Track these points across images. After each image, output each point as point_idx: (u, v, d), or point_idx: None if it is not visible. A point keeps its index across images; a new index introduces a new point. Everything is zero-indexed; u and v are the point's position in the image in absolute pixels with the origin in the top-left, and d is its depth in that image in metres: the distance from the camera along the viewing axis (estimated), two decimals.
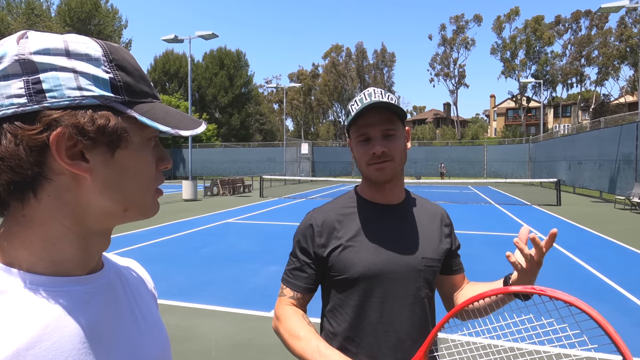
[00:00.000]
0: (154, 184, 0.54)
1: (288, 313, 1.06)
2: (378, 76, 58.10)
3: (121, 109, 0.48)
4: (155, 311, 0.63)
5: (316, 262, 1.08)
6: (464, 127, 59.92)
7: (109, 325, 0.51)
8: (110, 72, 0.48)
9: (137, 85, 0.50)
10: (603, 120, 17.51)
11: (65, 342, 0.45)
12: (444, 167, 32.56)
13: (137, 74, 0.51)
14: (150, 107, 0.50)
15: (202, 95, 45.14)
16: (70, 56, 0.46)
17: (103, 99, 0.46)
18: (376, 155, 1.04)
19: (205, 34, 17.16)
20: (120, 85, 0.48)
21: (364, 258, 1.04)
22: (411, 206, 1.15)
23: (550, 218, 11.06)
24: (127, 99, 0.49)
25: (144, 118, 0.48)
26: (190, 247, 7.33)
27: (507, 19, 47.46)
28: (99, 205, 0.49)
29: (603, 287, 5.05)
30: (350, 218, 1.09)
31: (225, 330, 3.74)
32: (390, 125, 1.05)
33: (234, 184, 19.80)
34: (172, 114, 0.52)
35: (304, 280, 1.09)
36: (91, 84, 0.46)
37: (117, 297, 0.55)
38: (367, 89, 1.08)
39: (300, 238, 1.11)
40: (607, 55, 41.42)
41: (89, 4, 34.57)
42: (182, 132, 0.50)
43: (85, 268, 0.52)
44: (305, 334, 0.97)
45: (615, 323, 3.87)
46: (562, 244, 7.56)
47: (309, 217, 1.12)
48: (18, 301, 0.44)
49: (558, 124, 50.43)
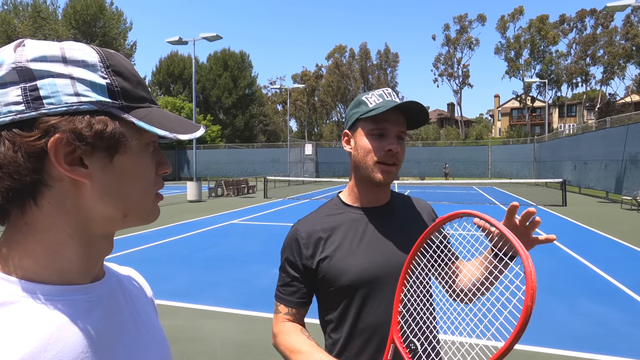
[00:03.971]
0: (153, 188, 0.54)
1: (286, 329, 1.04)
2: (382, 76, 58.03)
3: (118, 114, 0.48)
4: (155, 319, 0.63)
5: (306, 275, 1.06)
6: (468, 127, 59.70)
7: (111, 333, 0.51)
8: (108, 78, 0.48)
9: (134, 90, 0.50)
10: (609, 119, 17.36)
11: (69, 351, 0.45)
12: (448, 168, 32.44)
13: (134, 79, 0.51)
14: (147, 111, 0.50)
15: (206, 96, 45.29)
16: (67, 63, 0.46)
17: (100, 104, 0.47)
18: (392, 152, 1.02)
19: (209, 36, 17.22)
20: (117, 91, 0.48)
21: (354, 264, 1.02)
22: (396, 205, 1.14)
23: (555, 218, 10.99)
24: (125, 104, 0.49)
25: (142, 123, 0.48)
26: (195, 248, 7.35)
27: (511, 18, 47.23)
28: (100, 211, 0.49)
29: (609, 287, 5.01)
30: (336, 226, 1.07)
31: (229, 332, 3.75)
32: (404, 128, 1.06)
33: (238, 185, 19.85)
34: (170, 118, 0.52)
35: (297, 295, 1.06)
36: (88, 90, 0.46)
37: (118, 305, 0.55)
38: (386, 88, 1.09)
39: (287, 253, 1.09)
40: (613, 54, 41.10)
41: (94, 6, 34.82)
42: (180, 136, 0.50)
43: (88, 275, 0.52)
44: (306, 348, 0.96)
45: (621, 323, 3.85)
46: (568, 244, 7.51)
47: (294, 230, 1.10)
48: (21, 311, 0.44)
49: (563, 124, 50.11)
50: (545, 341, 3.50)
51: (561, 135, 25.85)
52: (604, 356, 3.25)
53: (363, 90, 51.79)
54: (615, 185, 15.50)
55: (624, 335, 3.61)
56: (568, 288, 5.00)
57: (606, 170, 16.35)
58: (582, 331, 3.72)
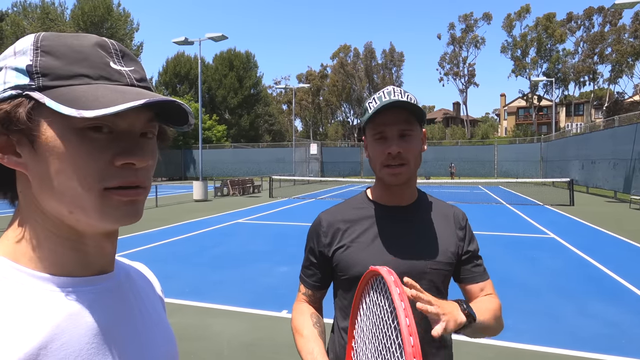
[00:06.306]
0: (97, 182, 0.45)
1: (301, 309, 1.12)
2: (387, 76, 57.85)
3: (34, 95, 0.44)
4: (163, 314, 0.63)
5: (322, 261, 1.12)
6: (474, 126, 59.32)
7: (118, 326, 0.51)
8: (32, 60, 0.45)
9: (65, 67, 0.45)
10: (617, 118, 17.16)
11: (76, 342, 0.45)
12: (453, 167, 32.26)
13: (72, 55, 0.46)
14: (70, 89, 0.44)
15: (212, 96, 45.47)
16: (15, 55, 0.46)
17: (18, 88, 0.44)
18: (392, 155, 1.02)
19: (215, 36, 17.29)
20: (35, 71, 0.44)
21: (365, 258, 1.04)
22: (423, 208, 1.13)
23: (563, 218, 10.90)
24: (44, 84, 0.44)
25: (52, 102, 0.42)
26: (202, 247, 7.39)
27: (518, 16, 46.86)
28: (47, 205, 0.47)
29: (618, 288, 4.96)
30: (357, 219, 1.11)
31: (236, 330, 3.77)
32: (407, 125, 1.03)
33: (243, 185, 19.91)
34: (99, 94, 0.43)
35: (313, 278, 1.14)
36: (13, 76, 0.45)
37: (126, 298, 0.55)
38: (387, 87, 1.08)
39: (309, 238, 1.16)
40: (621, 52, 40.61)
41: (101, 8, 35.11)
42: (85, 113, 0.40)
43: (90, 270, 0.50)
44: (308, 333, 1.02)
45: (630, 324, 3.82)
46: (576, 244, 7.45)
47: (318, 219, 1.16)
48: (29, 300, 0.44)
49: (570, 123, 49.63)
50: (554, 341, 3.48)
51: (568, 134, 25.60)
52: (614, 357, 3.22)
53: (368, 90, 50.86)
54: (624, 185, 15.32)
55: (633, 335, 3.58)
56: (576, 288, 4.96)
57: (614, 170, 16.17)
58: (591, 331, 3.69)
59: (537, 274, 5.58)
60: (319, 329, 1.05)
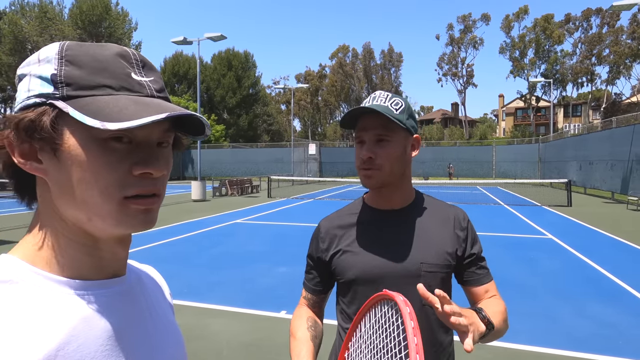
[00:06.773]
0: (118, 191, 0.46)
1: (298, 312, 1.15)
2: (385, 76, 57.91)
3: (58, 104, 0.45)
4: (172, 317, 0.64)
5: (321, 266, 1.15)
6: (472, 127, 59.44)
7: (130, 328, 0.52)
8: (56, 69, 0.46)
9: (88, 78, 0.46)
10: (615, 119, 17.24)
11: (91, 344, 0.46)
12: (452, 168, 32.33)
13: (95, 65, 0.47)
14: (93, 100, 0.45)
15: (211, 96, 45.41)
16: (40, 62, 0.47)
17: (43, 96, 0.46)
18: (363, 160, 1.04)
19: (214, 36, 17.27)
20: (59, 80, 0.45)
21: (359, 261, 1.06)
22: (418, 210, 1.12)
23: (561, 219, 10.94)
24: (68, 93, 0.45)
25: (75, 111, 0.43)
26: (200, 247, 7.39)
27: (516, 17, 46.98)
28: (65, 211, 0.48)
29: (616, 289, 4.98)
30: (352, 224, 1.13)
31: (235, 330, 3.77)
32: (384, 130, 1.02)
33: (242, 185, 19.90)
34: (122, 105, 0.44)
35: (312, 282, 1.17)
36: (38, 84, 0.46)
37: (137, 301, 0.56)
38: (376, 92, 1.08)
39: (310, 244, 1.20)
40: (619, 54, 40.77)
41: (99, 7, 35.01)
42: (109, 125, 0.42)
43: (104, 274, 0.52)
44: (300, 335, 1.04)
45: (627, 325, 3.84)
46: (574, 245, 7.48)
47: (318, 226, 1.20)
48: (46, 303, 0.45)
49: (568, 124, 49.76)
50: (551, 342, 3.49)
51: (566, 135, 25.69)
52: (611, 357, 3.24)
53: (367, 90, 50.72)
54: (621, 186, 15.39)
55: (630, 337, 3.60)
56: (573, 289, 4.98)
57: (612, 171, 16.23)
58: (588, 332, 3.71)
59: (534, 274, 5.61)
60: (313, 332, 1.06)
